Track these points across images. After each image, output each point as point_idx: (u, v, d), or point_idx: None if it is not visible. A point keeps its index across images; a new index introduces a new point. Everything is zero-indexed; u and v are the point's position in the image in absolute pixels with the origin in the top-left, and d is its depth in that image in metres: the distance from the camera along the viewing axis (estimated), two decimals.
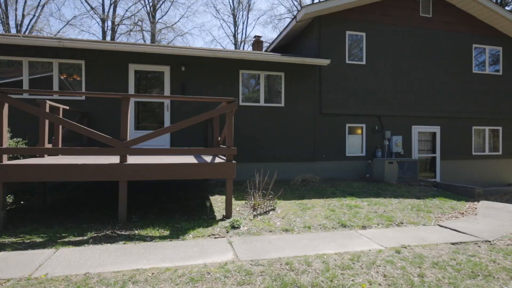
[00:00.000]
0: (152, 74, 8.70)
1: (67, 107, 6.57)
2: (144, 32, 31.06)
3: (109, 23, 25.51)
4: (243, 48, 36.14)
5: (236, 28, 36.35)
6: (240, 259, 3.37)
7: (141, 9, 27.23)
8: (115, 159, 4.87)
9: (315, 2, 37.32)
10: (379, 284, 2.83)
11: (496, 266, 3.31)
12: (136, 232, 4.21)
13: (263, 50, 16.17)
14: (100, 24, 25.27)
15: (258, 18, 49.64)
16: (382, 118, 10.26)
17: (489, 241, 4.19)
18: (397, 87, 10.35)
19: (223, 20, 41.49)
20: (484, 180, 11.36)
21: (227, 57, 8.55)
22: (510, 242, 4.19)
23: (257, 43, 15.82)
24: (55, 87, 7.92)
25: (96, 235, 4.04)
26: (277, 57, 8.80)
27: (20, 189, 5.84)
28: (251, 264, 3.22)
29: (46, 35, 35.93)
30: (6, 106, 4.30)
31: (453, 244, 4.04)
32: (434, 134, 10.91)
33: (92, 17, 33.75)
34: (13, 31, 29.39)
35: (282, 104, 9.43)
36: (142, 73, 8.61)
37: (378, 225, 4.85)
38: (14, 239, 3.86)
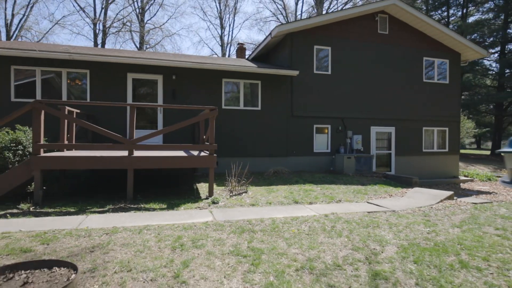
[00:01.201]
0: (147, 82, 10.13)
1: (78, 111, 7.97)
2: (132, 32, 32.14)
3: (100, 26, 26.47)
4: (229, 50, 37.60)
5: (223, 30, 37.79)
6: (216, 220, 4.96)
7: (131, 12, 28.24)
8: (123, 153, 6.35)
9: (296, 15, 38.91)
10: (304, 230, 4.48)
11: (385, 222, 5.02)
12: (142, 205, 5.74)
13: (246, 56, 17.71)
14: (92, 27, 26.21)
15: (244, 21, 51.20)
16: (345, 120, 12.03)
17: (395, 211, 5.92)
18: (358, 93, 12.13)
19: (210, 22, 43.19)
20: (433, 173, 13.33)
21: (211, 68, 10.08)
22: (410, 211, 5.94)
23: (240, 50, 17.40)
24: (64, 92, 9.28)
25: (113, 207, 5.56)
26: (254, 68, 10.39)
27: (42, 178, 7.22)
28: (223, 222, 4.82)
29: (34, 33, 36.32)
30: (42, 112, 5.74)
31: (368, 212, 5.75)
32: (389, 133, 12.77)
33: (84, 20, 34.42)
34: (3, 30, 29.92)
35: (259, 108, 11.04)
36: (139, 81, 10.03)
37: (322, 202, 6.53)
38: (53, 210, 5.33)
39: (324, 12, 34.09)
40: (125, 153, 6.30)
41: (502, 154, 2.78)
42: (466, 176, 14.10)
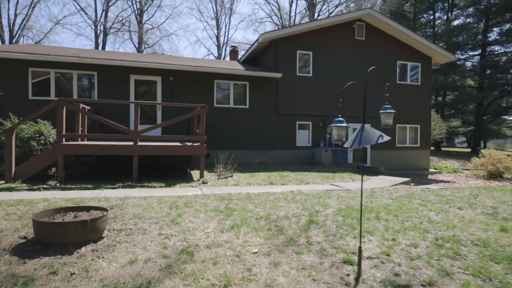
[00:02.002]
0: (148, 82, 11.46)
1: (89, 107, 9.30)
2: (131, 33, 33.39)
3: (101, 27, 27.70)
4: (225, 50, 38.87)
5: (219, 31, 39.03)
6: (204, 193, 6.34)
7: (130, 14, 29.48)
8: (129, 142, 7.70)
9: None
10: (270, 199, 5.87)
11: (336, 195, 6.41)
12: (145, 184, 7.11)
13: (239, 57, 19.06)
14: (93, 28, 27.46)
15: (239, 22, 52.58)
16: (324, 117, 13.43)
17: (350, 190, 7.33)
18: (336, 93, 13.49)
19: (207, 23, 44.34)
20: (405, 165, 14.76)
21: (204, 71, 11.43)
22: (372, 190, 7.34)
23: (233, 52, 18.77)
24: (74, 91, 10.61)
25: (122, 185, 6.92)
26: (242, 71, 11.76)
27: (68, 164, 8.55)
28: (209, 194, 6.20)
29: (35, 32, 37.37)
30: (64, 108, 7.08)
31: (327, 190, 7.14)
32: None
33: (86, 22, 35.45)
34: (6, 29, 31.00)
35: (247, 106, 12.41)
36: (140, 81, 11.36)
37: (293, 183, 7.93)
38: (75, 186, 6.69)
39: (316, 14, 35.50)
40: (130, 142, 7.66)
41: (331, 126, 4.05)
42: (435, 169, 15.56)
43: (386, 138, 3.05)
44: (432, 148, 32.89)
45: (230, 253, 3.40)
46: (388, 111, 3.33)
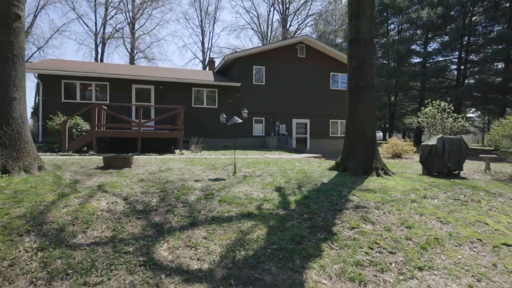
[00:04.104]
0: (144, 89, 16.12)
1: (106, 107, 13.93)
2: (125, 39, 37.75)
3: (100, 38, 32.02)
4: (209, 54, 43.50)
5: (204, 37, 43.62)
6: (180, 157, 11.15)
7: (125, 26, 33.82)
8: (135, 129, 12.38)
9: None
10: (216, 158, 10.71)
11: (256, 158, 11.30)
12: (146, 153, 11.87)
13: (215, 66, 23.82)
14: (93, 38, 31.78)
15: (222, 30, 57.33)
16: (275, 115, 18.34)
17: (268, 157, 12.22)
18: (284, 96, 18.43)
19: (193, 29, 48.57)
20: (337, 150, 19.77)
21: (185, 82, 16.19)
22: (277, 157, 12.24)
23: (211, 62, 23.59)
24: (93, 95, 15.22)
25: (132, 153, 11.67)
26: (212, 82, 16.57)
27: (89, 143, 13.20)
28: (183, 157, 11.01)
29: (36, 38, 41.16)
30: (96, 108, 11.75)
31: (254, 157, 12.02)
32: (306, 123, 19.18)
33: (88, 33, 39.36)
34: None
35: (217, 106, 17.22)
36: (139, 89, 16.01)
37: (237, 155, 12.81)
38: (104, 154, 11.40)
39: (288, 23, 40.46)
40: (136, 129, 12.36)
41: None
42: None
43: (240, 121, 7.93)
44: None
45: (187, 170, 8.25)
46: (244, 111, 8.15)
